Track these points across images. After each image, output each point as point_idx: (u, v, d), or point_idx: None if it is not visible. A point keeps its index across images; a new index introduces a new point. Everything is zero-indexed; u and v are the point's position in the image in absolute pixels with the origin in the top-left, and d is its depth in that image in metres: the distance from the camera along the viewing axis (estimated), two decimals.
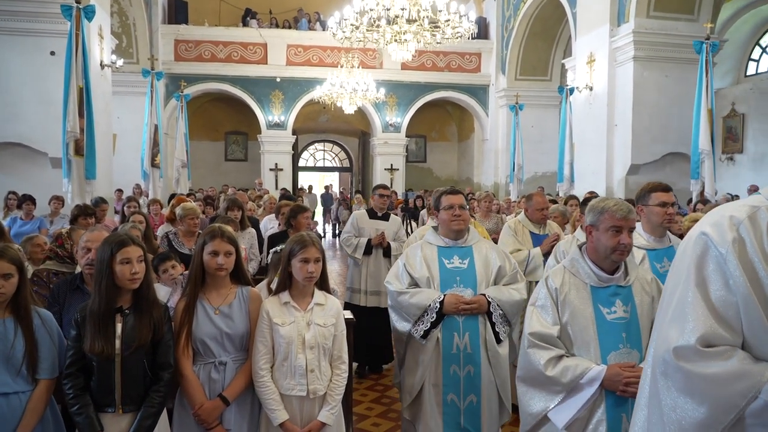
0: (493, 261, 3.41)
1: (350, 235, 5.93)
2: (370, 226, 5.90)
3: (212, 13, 17.84)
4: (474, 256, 3.39)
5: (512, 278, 3.43)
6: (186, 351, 2.69)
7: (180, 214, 5.13)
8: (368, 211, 6.11)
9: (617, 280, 2.51)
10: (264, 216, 7.86)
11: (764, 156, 13.37)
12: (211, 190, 14.53)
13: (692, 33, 9.87)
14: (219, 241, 2.74)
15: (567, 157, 11.70)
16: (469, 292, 3.28)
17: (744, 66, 15.07)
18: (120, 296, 2.52)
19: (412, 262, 3.41)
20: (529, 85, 15.92)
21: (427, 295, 3.27)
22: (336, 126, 20.91)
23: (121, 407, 2.48)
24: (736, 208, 1.42)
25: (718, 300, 1.36)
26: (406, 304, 3.30)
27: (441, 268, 3.35)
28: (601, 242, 2.46)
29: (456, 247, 3.42)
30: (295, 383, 2.72)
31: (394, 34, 9.05)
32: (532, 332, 2.48)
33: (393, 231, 5.96)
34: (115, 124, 11.79)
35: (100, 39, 10.10)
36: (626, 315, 2.46)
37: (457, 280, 3.31)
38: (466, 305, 3.21)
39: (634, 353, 2.44)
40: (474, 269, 3.35)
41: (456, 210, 3.35)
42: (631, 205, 2.59)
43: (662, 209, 3.39)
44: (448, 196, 3.42)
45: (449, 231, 3.42)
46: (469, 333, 3.25)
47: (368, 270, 5.86)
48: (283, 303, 2.81)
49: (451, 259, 3.37)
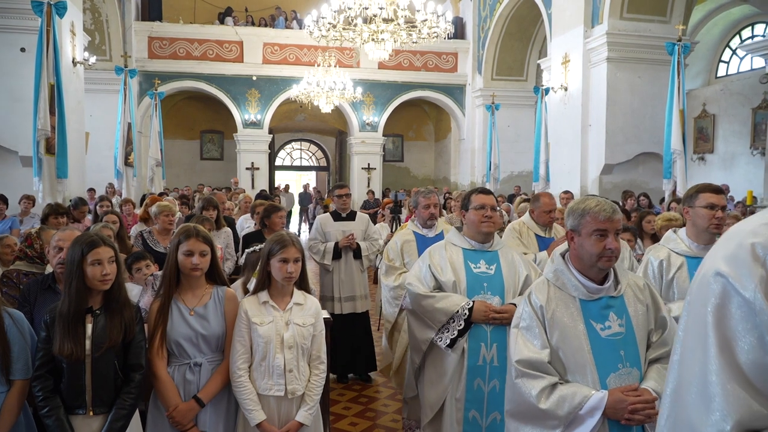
0: (519, 269, 3.18)
1: (316, 241, 5.61)
2: (335, 229, 5.59)
3: (187, 10, 17.64)
4: (500, 262, 3.15)
5: None
6: (160, 352, 2.66)
7: (155, 211, 5.08)
8: (332, 213, 5.81)
9: (608, 290, 2.25)
10: (240, 215, 7.80)
11: (734, 156, 13.66)
12: (186, 189, 14.39)
13: (664, 35, 10.03)
14: (194, 240, 2.71)
15: (542, 156, 11.83)
16: (497, 300, 3.05)
17: (715, 67, 15.38)
18: (90, 297, 2.48)
19: (438, 263, 3.16)
20: (505, 85, 16.04)
21: (455, 300, 3.03)
22: (313, 125, 20.83)
23: (92, 409, 2.44)
24: (756, 230, 1.03)
25: (752, 365, 0.97)
26: (431, 309, 3.06)
27: (467, 272, 3.11)
28: (585, 248, 2.20)
29: (482, 251, 3.17)
30: (273, 383, 2.70)
31: (371, 33, 9.05)
32: (520, 359, 2.19)
33: (361, 230, 5.68)
34: (88, 122, 11.59)
35: (72, 36, 9.92)
36: (622, 330, 2.21)
37: (484, 286, 3.07)
38: (496, 314, 2.98)
39: (634, 372, 2.19)
40: (501, 276, 3.11)
41: (487, 211, 3.10)
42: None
43: (710, 212, 3.06)
44: (479, 195, 3.17)
45: (477, 233, 3.15)
46: (497, 344, 2.99)
47: (340, 275, 5.56)
48: (261, 302, 2.79)
49: (478, 264, 3.13)
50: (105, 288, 2.48)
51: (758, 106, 12.70)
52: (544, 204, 4.60)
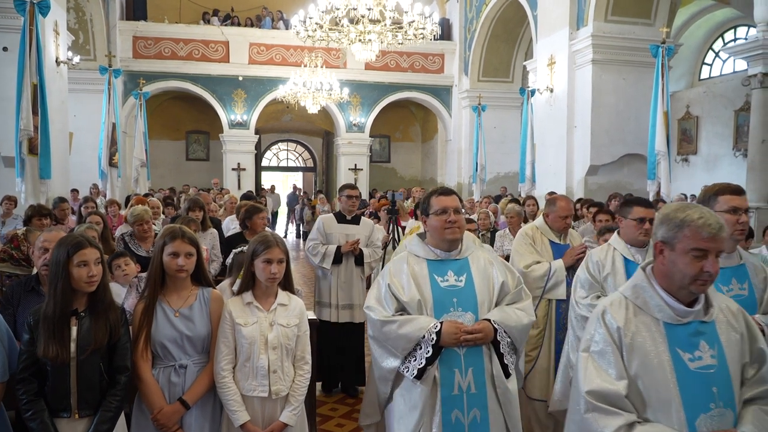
0: (494, 276, 2.78)
1: (316, 242, 5.23)
2: (338, 231, 5.24)
3: (172, 9, 17.52)
4: (471, 271, 2.74)
5: (516, 296, 2.80)
6: (145, 354, 2.64)
7: (130, 220, 5.04)
8: (336, 214, 5.41)
9: (698, 314, 1.92)
10: (225, 216, 7.77)
11: (717, 157, 13.82)
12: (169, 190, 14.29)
13: (649, 37, 10.14)
14: (179, 242, 2.69)
15: (528, 157, 11.90)
16: (469, 317, 2.64)
17: (698, 70, 15.55)
18: (76, 299, 2.46)
19: (398, 281, 2.72)
20: (491, 86, 16.11)
21: (420, 323, 2.59)
22: (299, 125, 20.79)
23: (77, 412, 2.42)
24: None
25: None
26: (394, 336, 2.61)
27: (433, 287, 2.68)
28: (678, 267, 1.89)
29: (449, 260, 2.76)
30: (257, 384, 2.70)
31: (358, 33, 9.05)
32: (592, 390, 1.86)
33: (365, 236, 5.32)
34: (72, 122, 11.49)
35: (56, 35, 9.82)
36: (714, 362, 1.88)
37: (454, 302, 2.66)
38: (468, 335, 2.57)
39: (728, 414, 1.85)
40: (473, 287, 2.70)
41: (450, 215, 2.69)
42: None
43: (733, 217, 2.71)
44: (440, 197, 2.77)
45: (441, 240, 2.75)
46: (473, 368, 2.61)
47: (339, 281, 5.21)
48: (246, 303, 2.78)
49: (445, 276, 2.71)
50: (91, 289, 2.46)
51: (740, 108, 12.86)
52: (561, 208, 4.20)
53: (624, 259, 3.28)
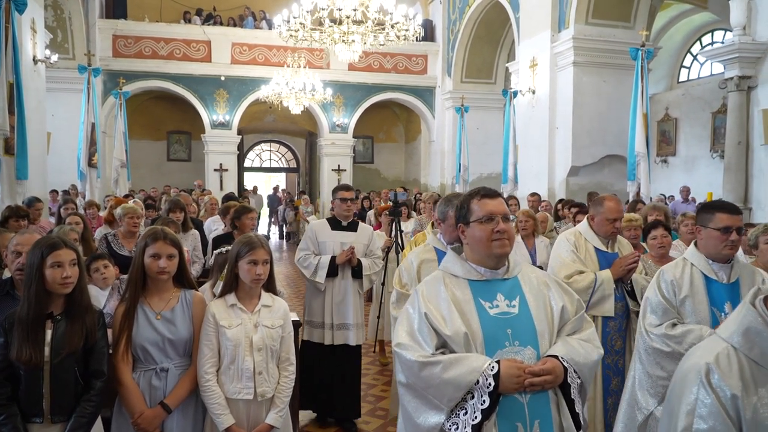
0: (552, 299, 2.21)
1: (307, 253, 4.61)
2: (332, 239, 4.61)
3: (153, 8, 17.34)
4: (525, 294, 2.18)
5: (577, 324, 2.22)
6: (125, 357, 2.61)
7: (119, 213, 5.00)
8: (329, 220, 4.78)
9: None
10: (206, 217, 7.71)
11: (695, 158, 14.02)
12: (153, 191, 14.15)
13: (628, 40, 10.25)
14: (161, 243, 2.67)
15: (511, 158, 11.97)
16: (530, 353, 2.06)
17: (677, 72, 15.78)
18: (51, 301, 2.41)
19: (437, 308, 2.12)
20: (474, 87, 16.18)
21: (471, 363, 1.99)
22: (282, 126, 20.70)
23: (50, 417, 2.37)
24: None
25: None
26: (437, 382, 1.99)
27: (481, 315, 2.10)
28: None
29: (496, 280, 2.19)
30: (242, 386, 2.68)
31: (341, 34, 9.04)
32: None
33: (363, 244, 4.69)
34: (50, 121, 11.31)
35: (33, 33, 9.66)
36: None
37: (509, 334, 2.08)
38: (535, 377, 1.98)
39: None
40: (529, 314, 2.13)
41: (498, 223, 2.14)
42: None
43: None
44: (484, 200, 2.19)
45: (487, 256, 2.17)
46: (540, 421, 2.01)
47: (333, 297, 4.57)
48: (229, 305, 2.76)
49: (494, 301, 2.14)
50: (66, 291, 2.42)
51: (717, 110, 13.06)
52: (609, 210, 3.60)
53: (704, 277, 2.83)
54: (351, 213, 4.71)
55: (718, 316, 2.77)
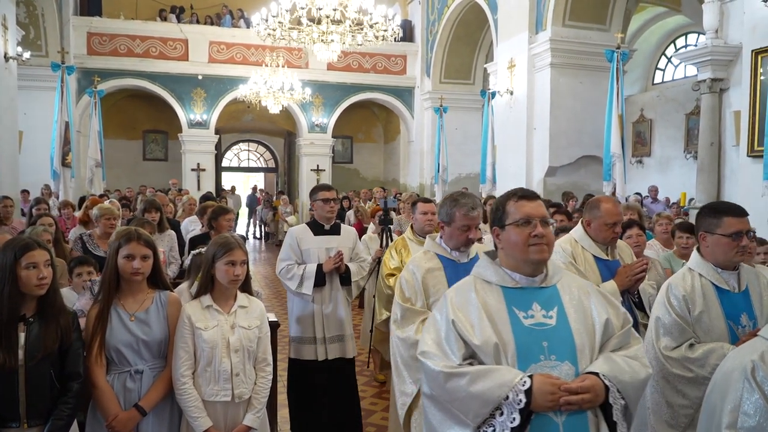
0: (593, 310, 2.04)
1: (290, 263, 4.20)
2: (317, 245, 4.23)
3: (128, 6, 17.11)
4: (564, 304, 2.02)
5: (624, 339, 2.04)
6: (99, 360, 2.57)
7: (96, 214, 4.94)
8: (310, 224, 4.37)
9: None
10: (184, 218, 7.63)
11: (669, 159, 14.23)
12: (128, 191, 13.97)
13: (604, 42, 10.38)
14: (135, 244, 2.63)
15: (489, 158, 12.05)
16: (567, 369, 1.90)
17: (652, 74, 16.01)
18: (24, 303, 2.37)
19: (466, 316, 1.98)
20: (452, 88, 16.24)
21: (501, 377, 1.84)
22: (261, 126, 20.58)
23: (26, 421, 2.34)
24: None
25: None
26: (463, 395, 1.86)
27: (515, 325, 1.96)
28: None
29: (533, 288, 2.04)
30: (219, 388, 2.66)
31: (320, 34, 9.01)
32: None
33: (348, 248, 4.34)
34: (22, 120, 11.11)
35: (4, 29, 9.48)
36: None
37: (544, 347, 1.92)
38: (572, 395, 1.81)
39: None
40: (568, 327, 1.97)
41: (537, 227, 2.00)
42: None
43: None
44: (521, 202, 2.06)
45: (523, 262, 2.03)
46: None
47: (323, 308, 4.20)
48: (205, 306, 2.73)
49: (529, 310, 1.99)
50: (41, 293, 2.38)
51: (691, 112, 13.26)
52: (607, 213, 3.25)
53: (714, 287, 2.62)
54: (334, 215, 4.36)
55: (735, 329, 2.57)
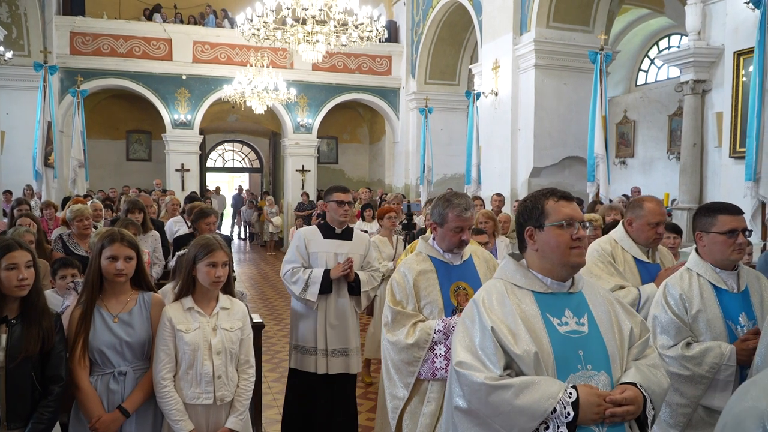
0: (621, 317, 1.99)
1: (296, 266, 3.95)
2: (326, 249, 4.00)
3: (111, 5, 16.97)
4: (592, 311, 1.95)
5: (643, 348, 2.00)
6: (82, 361, 2.55)
7: (69, 217, 4.89)
8: (321, 227, 4.13)
9: None
10: (167, 218, 7.58)
11: (652, 160, 14.38)
12: (111, 191, 13.85)
13: (588, 44, 10.47)
14: (118, 245, 2.62)
15: (474, 159, 12.10)
16: (603, 380, 1.84)
17: (635, 76, 16.17)
18: (6, 305, 2.35)
19: (504, 323, 1.87)
20: (438, 88, 16.29)
21: (546, 389, 1.74)
22: (245, 126, 20.49)
23: (6, 424, 2.32)
24: None
25: None
26: (508, 409, 1.75)
27: (551, 334, 1.86)
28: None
29: (562, 293, 1.95)
30: (201, 391, 2.64)
31: (305, 34, 8.99)
32: None
33: (360, 255, 4.07)
34: (4, 120, 10.99)
35: None
36: None
37: (581, 356, 1.84)
38: (618, 407, 1.75)
39: None
40: (599, 335, 1.90)
41: (578, 229, 1.92)
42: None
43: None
44: (561, 202, 1.96)
45: (561, 266, 1.94)
46: None
47: (327, 318, 3.94)
48: (186, 308, 2.72)
49: (562, 317, 1.90)
50: (22, 294, 2.36)
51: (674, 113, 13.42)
52: (650, 212, 3.11)
53: (712, 287, 2.59)
54: (347, 219, 4.11)
55: (733, 329, 2.56)
